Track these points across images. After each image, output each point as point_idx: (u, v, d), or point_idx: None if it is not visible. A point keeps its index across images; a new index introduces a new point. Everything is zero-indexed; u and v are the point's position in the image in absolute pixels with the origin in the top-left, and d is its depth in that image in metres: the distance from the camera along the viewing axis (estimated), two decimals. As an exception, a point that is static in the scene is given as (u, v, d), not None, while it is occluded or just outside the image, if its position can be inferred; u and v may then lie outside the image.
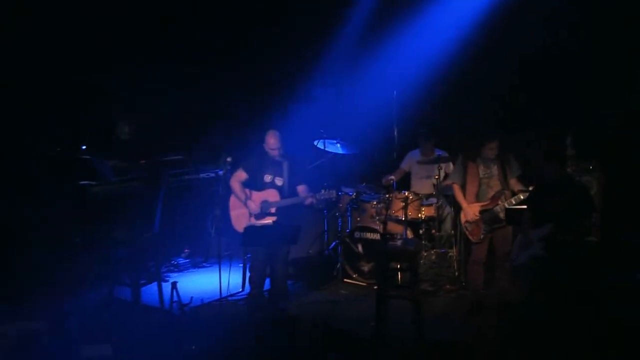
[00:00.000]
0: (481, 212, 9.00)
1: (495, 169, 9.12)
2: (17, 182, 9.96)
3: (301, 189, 8.85)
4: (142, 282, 8.84)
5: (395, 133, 10.85)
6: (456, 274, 9.65)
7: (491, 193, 9.03)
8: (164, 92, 11.84)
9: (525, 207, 8.63)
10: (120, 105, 10.90)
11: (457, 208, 9.52)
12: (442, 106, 10.92)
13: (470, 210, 9.12)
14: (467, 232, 9.25)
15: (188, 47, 12.17)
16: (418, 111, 11.23)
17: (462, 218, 9.26)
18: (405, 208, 9.48)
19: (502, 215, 8.80)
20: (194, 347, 7.25)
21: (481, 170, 9.18)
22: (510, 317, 8.24)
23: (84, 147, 10.13)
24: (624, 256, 8.89)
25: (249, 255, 9.31)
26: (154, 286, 8.92)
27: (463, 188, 9.26)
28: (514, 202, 8.75)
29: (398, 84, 11.31)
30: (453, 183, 9.39)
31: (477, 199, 9.14)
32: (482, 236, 9.07)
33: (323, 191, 8.72)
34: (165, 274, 10.31)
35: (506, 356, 7.36)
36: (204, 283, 9.95)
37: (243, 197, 8.84)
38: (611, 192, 9.64)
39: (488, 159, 9.13)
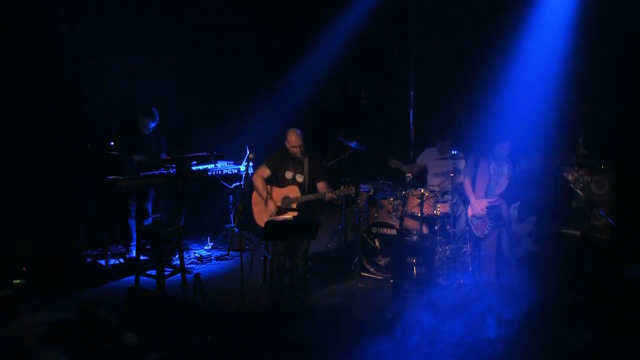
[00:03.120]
0: (488, 208, 9.19)
1: (505, 168, 9.28)
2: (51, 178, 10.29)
3: (321, 185, 8.91)
4: (167, 273, 8.97)
5: (412, 133, 11.08)
6: (470, 268, 9.75)
7: (499, 190, 9.17)
8: (187, 92, 12.11)
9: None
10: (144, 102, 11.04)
11: (467, 203, 9.71)
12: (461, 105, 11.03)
13: (478, 206, 9.30)
14: (473, 227, 9.43)
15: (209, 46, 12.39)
16: (435, 110, 11.41)
17: (469, 212, 9.44)
18: (421, 205, 9.54)
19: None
20: (216, 337, 7.49)
21: (492, 167, 9.35)
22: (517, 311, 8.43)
23: (111, 144, 10.30)
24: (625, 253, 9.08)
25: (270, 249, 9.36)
26: (177, 277, 9.10)
27: (473, 183, 9.45)
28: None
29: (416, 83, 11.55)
30: (464, 177, 9.58)
31: (486, 195, 9.34)
32: (487, 231, 9.25)
33: (342, 187, 8.77)
34: (189, 266, 10.38)
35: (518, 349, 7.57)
36: (226, 275, 10.08)
37: (264, 194, 8.96)
38: (622, 192, 9.77)
39: (499, 157, 9.31)
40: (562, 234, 8.93)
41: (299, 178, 8.96)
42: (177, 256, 9.65)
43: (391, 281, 9.29)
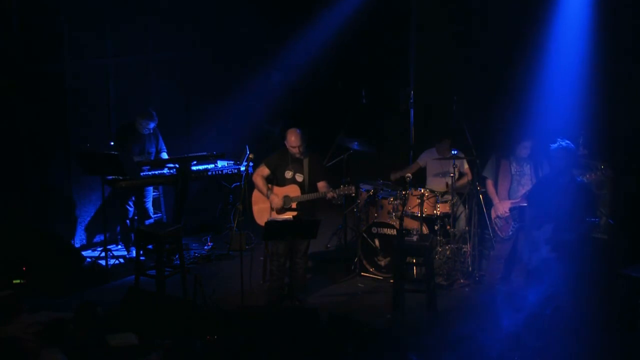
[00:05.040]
0: (511, 209, 9.17)
1: (527, 168, 9.26)
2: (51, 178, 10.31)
3: (321, 185, 8.92)
4: (167, 273, 8.99)
5: (412, 132, 11.06)
6: (470, 268, 9.75)
7: (522, 191, 9.17)
8: (190, 91, 12.14)
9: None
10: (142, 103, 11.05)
11: (470, 205, 9.69)
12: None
13: (501, 207, 9.28)
14: (496, 228, 9.39)
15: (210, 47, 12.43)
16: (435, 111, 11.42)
17: (493, 213, 9.40)
18: (421, 205, 9.53)
19: None
20: (216, 336, 7.53)
21: (513, 167, 9.33)
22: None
23: (111, 143, 10.33)
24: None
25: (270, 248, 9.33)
26: (177, 277, 9.12)
27: (496, 184, 9.42)
28: None
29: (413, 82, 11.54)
30: (487, 179, 9.56)
31: (509, 196, 9.31)
32: (510, 232, 9.24)
33: (342, 187, 8.80)
34: (189, 266, 10.29)
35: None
36: (225, 275, 10.06)
37: (265, 190, 8.97)
38: (622, 192, 9.77)
39: (521, 158, 9.28)
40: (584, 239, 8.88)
41: (299, 177, 8.97)
42: (177, 256, 9.64)
43: (391, 281, 9.29)
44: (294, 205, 8.93)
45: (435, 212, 9.82)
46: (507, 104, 10.98)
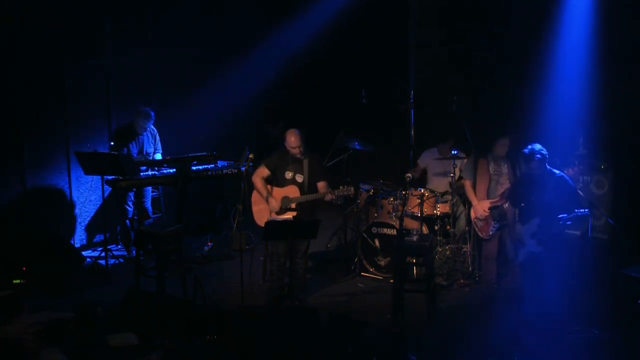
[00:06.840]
0: (490, 208, 9.17)
1: (505, 168, 9.26)
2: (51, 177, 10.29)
3: (321, 185, 8.92)
4: (167, 273, 8.91)
5: (412, 133, 11.05)
6: (470, 268, 9.75)
7: (500, 190, 9.15)
8: (189, 92, 12.16)
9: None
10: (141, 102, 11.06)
11: (469, 205, 9.68)
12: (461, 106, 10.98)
13: (480, 207, 9.28)
14: (476, 229, 9.41)
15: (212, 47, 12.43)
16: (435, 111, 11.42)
17: (472, 214, 9.41)
18: (421, 205, 9.56)
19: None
20: (216, 337, 7.53)
21: (491, 167, 9.32)
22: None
23: (112, 143, 10.32)
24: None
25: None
26: (177, 277, 9.10)
27: (474, 185, 9.42)
28: None
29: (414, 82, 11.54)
30: (464, 180, 9.56)
31: (488, 195, 9.31)
32: (491, 232, 9.24)
33: (342, 187, 8.77)
34: (189, 266, 10.32)
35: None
36: (226, 275, 10.05)
37: (265, 193, 8.97)
38: (622, 192, 9.77)
39: (498, 157, 9.29)
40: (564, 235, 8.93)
41: (299, 178, 8.96)
42: (176, 256, 9.62)
43: (391, 281, 9.29)
44: (293, 205, 8.93)
45: (435, 212, 9.83)
46: (502, 103, 11.00)
